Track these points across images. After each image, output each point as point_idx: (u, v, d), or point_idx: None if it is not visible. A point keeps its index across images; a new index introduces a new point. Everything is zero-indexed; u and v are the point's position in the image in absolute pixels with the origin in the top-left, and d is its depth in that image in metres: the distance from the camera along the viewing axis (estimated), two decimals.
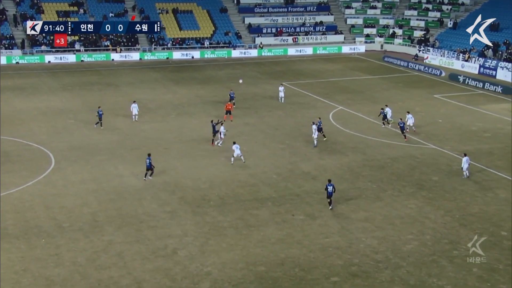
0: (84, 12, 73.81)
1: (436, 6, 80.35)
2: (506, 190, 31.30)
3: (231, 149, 35.12)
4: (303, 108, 48.16)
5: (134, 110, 43.97)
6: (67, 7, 73.60)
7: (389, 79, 60.97)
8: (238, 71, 64.90)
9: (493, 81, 57.38)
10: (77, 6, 73.82)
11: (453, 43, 70.93)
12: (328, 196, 28.95)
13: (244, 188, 31.67)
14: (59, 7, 73.29)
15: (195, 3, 79.13)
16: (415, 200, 30.05)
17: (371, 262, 23.92)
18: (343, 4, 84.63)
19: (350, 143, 39.25)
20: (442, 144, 38.94)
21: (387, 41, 79.14)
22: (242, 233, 26.52)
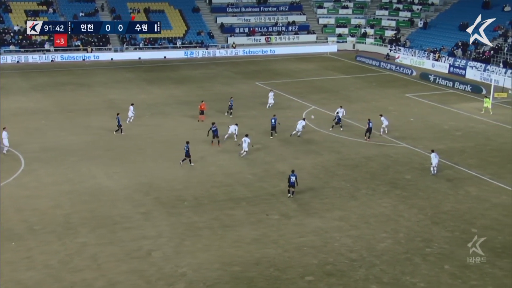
0: (53, 11, 72.67)
1: (407, 6, 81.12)
2: (478, 188, 31.68)
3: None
4: (278, 108, 48.08)
5: (129, 112, 42.84)
6: (35, 6, 72.31)
7: (363, 78, 61.35)
8: (213, 71, 64.68)
9: (462, 80, 58.11)
10: (46, 5, 72.60)
11: (423, 42, 71.70)
12: (289, 185, 29.73)
13: (219, 188, 31.49)
14: (28, 6, 72.01)
15: (167, 3, 78.56)
16: (389, 199, 30.23)
17: (346, 261, 23.96)
18: (315, 4, 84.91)
19: (325, 142, 39.34)
20: (415, 143, 39.26)
21: (359, 40, 79.65)
22: (217, 233, 26.36)
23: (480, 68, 60.84)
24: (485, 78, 58.44)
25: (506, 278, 22.68)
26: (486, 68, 60.24)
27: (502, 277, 22.76)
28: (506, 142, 39.60)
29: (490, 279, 22.65)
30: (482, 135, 41.23)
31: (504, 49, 62.83)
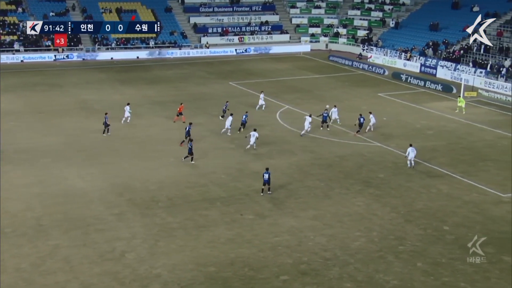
0: (23, 10, 71.63)
1: (379, 6, 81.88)
2: (449, 186, 32.11)
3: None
4: (251, 107, 48.13)
5: (126, 112, 42.58)
6: (4, 5, 71.12)
7: (336, 78, 61.72)
8: (187, 71, 64.44)
9: (434, 80, 58.85)
10: (15, 5, 71.51)
11: (395, 42, 72.45)
12: (263, 183, 30.19)
13: (194, 188, 31.39)
14: None
15: (139, 3, 78.02)
16: (363, 198, 30.46)
17: (320, 260, 24.08)
18: (288, 4, 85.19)
19: (299, 142, 39.48)
20: (388, 142, 39.64)
21: (331, 40, 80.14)
22: (191, 234, 26.26)
23: (450, 67, 61.70)
24: (456, 77, 59.29)
25: (477, 274, 23.03)
26: (456, 67, 61.12)
27: (473, 274, 23.12)
28: (476, 141, 40.24)
29: (461, 275, 22.99)
30: (453, 134, 41.80)
31: (473, 48, 63.79)
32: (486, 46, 62.40)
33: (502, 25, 65.64)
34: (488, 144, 39.61)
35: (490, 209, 29.12)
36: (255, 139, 36.76)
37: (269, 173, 30.36)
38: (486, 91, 53.25)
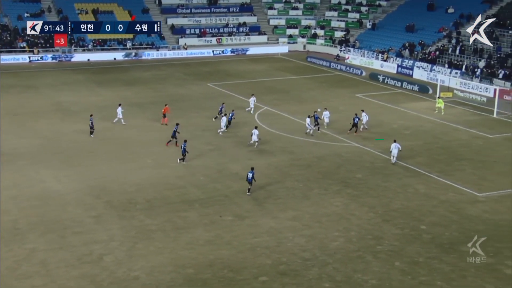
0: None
1: (355, 7, 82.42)
2: (426, 186, 32.44)
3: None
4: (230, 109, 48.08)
5: (118, 113, 42.44)
6: None
7: (314, 79, 61.99)
8: (164, 72, 64.19)
9: (410, 80, 59.41)
10: None
11: (372, 43, 72.99)
12: (248, 182, 30.38)
13: (172, 190, 31.27)
14: None
15: (116, 4, 77.46)
16: (341, 198, 30.64)
17: (299, 260, 24.16)
18: (266, 5, 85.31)
19: (278, 143, 39.57)
20: (365, 142, 39.91)
21: (309, 41, 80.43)
22: (170, 235, 26.17)
23: (426, 68, 62.34)
24: (432, 78, 59.92)
25: (453, 273, 23.31)
26: (432, 68, 61.77)
27: (449, 272, 23.39)
28: (452, 140, 40.73)
29: (438, 274, 23.24)
30: (430, 134, 42.24)
31: (448, 49, 64.57)
32: (461, 47, 63.27)
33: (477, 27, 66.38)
34: (464, 143, 40.13)
35: (466, 208, 29.50)
36: (256, 136, 37.62)
37: (253, 172, 30.52)
38: (461, 92, 53.93)
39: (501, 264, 23.96)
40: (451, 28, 68.74)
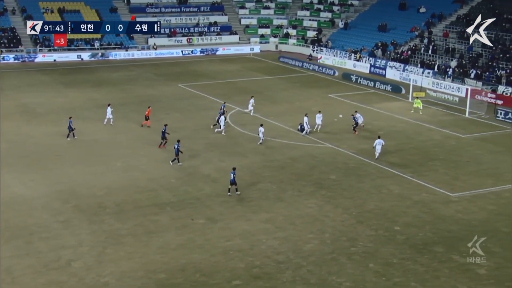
0: None
1: (328, 7, 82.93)
2: (400, 186, 32.78)
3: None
4: (202, 110, 48.04)
5: (108, 113, 42.41)
6: None
7: (286, 79, 62.17)
8: (134, 72, 63.72)
9: (383, 80, 59.99)
10: None
11: (345, 43, 73.53)
12: (230, 183, 30.71)
13: (143, 193, 31.04)
14: None
15: (83, 2, 76.61)
16: (315, 199, 30.76)
17: (273, 263, 24.18)
18: (237, 5, 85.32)
19: (250, 144, 39.57)
20: (339, 143, 40.15)
21: (281, 41, 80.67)
22: (141, 240, 25.96)
23: (399, 68, 63.03)
24: (404, 78, 60.59)
25: (427, 274, 23.58)
26: (405, 68, 62.48)
27: (423, 273, 23.66)
28: (425, 141, 41.23)
29: (412, 275, 23.49)
30: (403, 134, 42.70)
31: (421, 49, 65.39)
32: (433, 47, 64.13)
33: (448, 26, 67.56)
34: (437, 144, 40.65)
35: (439, 208, 29.88)
36: (262, 134, 38.68)
37: (234, 172, 30.77)
38: (434, 92, 54.63)
39: (474, 264, 24.32)
40: (423, 28, 69.64)
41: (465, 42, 62.86)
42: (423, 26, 69.86)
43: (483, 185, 32.94)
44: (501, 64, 56.72)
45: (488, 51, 59.72)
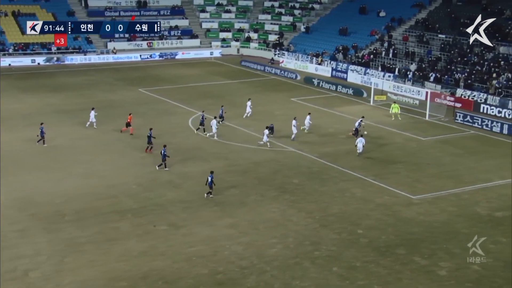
0: None
1: (289, 10, 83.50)
2: (362, 189, 33.16)
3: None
4: (163, 115, 47.75)
5: (91, 117, 42.29)
6: None
7: (248, 83, 62.31)
8: (93, 77, 62.97)
9: (345, 84, 60.67)
10: None
11: (306, 47, 74.09)
12: (209, 186, 30.96)
13: (103, 200, 30.66)
14: None
15: (38, 6, 75.37)
16: (278, 204, 30.87)
17: (236, 269, 24.17)
18: (198, 8, 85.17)
19: (212, 148, 39.50)
20: (302, 147, 40.41)
21: (243, 45, 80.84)
22: (101, 248, 25.63)
23: (360, 71, 63.85)
24: (366, 81, 61.39)
25: (390, 276, 23.91)
26: (366, 71, 63.32)
27: (386, 275, 23.97)
28: (387, 144, 41.83)
29: (375, 278, 23.78)
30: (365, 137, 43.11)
31: (381, 53, 66.40)
32: (394, 51, 65.17)
33: (408, 30, 68.79)
34: (398, 146, 41.29)
35: (401, 211, 30.34)
36: (266, 137, 39.20)
37: (211, 176, 30.87)
38: (394, 95, 55.46)
39: (435, 265, 24.76)
40: (382, 32, 70.73)
41: (424, 46, 64.15)
42: (383, 30, 70.96)
43: (444, 187, 33.59)
44: (459, 68, 58.01)
45: (447, 54, 61.03)
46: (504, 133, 44.44)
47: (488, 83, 53.76)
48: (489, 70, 55.65)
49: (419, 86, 57.01)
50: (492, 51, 58.13)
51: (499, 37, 59.23)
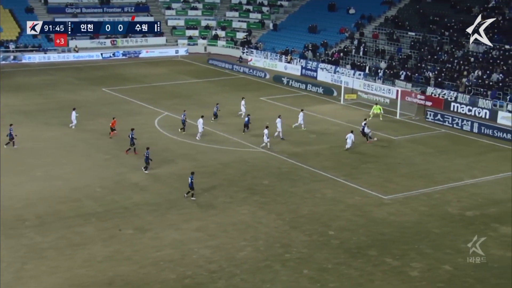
0: None
1: (257, 7, 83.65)
2: (333, 190, 33.42)
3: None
4: (128, 115, 47.39)
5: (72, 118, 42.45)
6: None
7: (216, 82, 62.26)
8: (54, 77, 62.15)
9: (314, 82, 61.05)
10: None
11: (275, 45, 74.36)
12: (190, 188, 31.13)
13: (66, 204, 30.31)
14: None
15: None
16: (248, 206, 30.93)
17: (205, 273, 24.14)
18: (163, 5, 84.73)
19: (180, 150, 39.37)
20: (272, 147, 40.47)
21: (210, 43, 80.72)
22: (65, 253, 25.35)
23: (330, 70, 64.32)
24: (336, 80, 61.88)
25: (361, 278, 24.16)
26: (336, 70, 63.82)
27: (358, 277, 24.22)
28: (357, 143, 42.15)
29: (347, 280, 24.00)
30: (336, 137, 43.52)
31: (352, 51, 67.01)
32: (364, 49, 65.83)
33: (377, 28, 69.59)
34: (369, 146, 41.69)
35: (373, 211, 30.68)
36: (266, 137, 39.22)
37: (191, 177, 31.02)
38: (365, 94, 56.04)
39: (407, 266, 25.11)
40: (352, 29, 71.39)
41: (394, 44, 64.96)
42: (352, 28, 71.63)
43: (415, 186, 34.07)
44: (429, 66, 58.90)
45: (417, 52, 61.91)
46: (474, 132, 45.29)
47: (458, 81, 54.72)
48: (459, 68, 56.63)
49: (390, 84, 57.72)
50: (462, 49, 59.19)
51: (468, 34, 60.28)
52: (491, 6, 63.20)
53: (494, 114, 48.82)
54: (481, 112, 49.63)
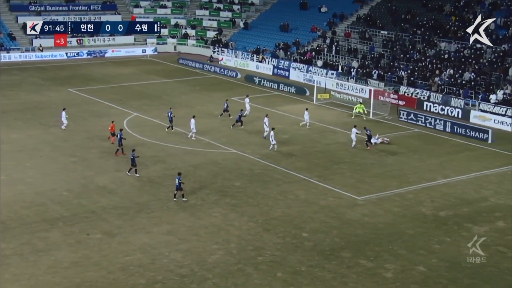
0: None
1: (227, 6, 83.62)
2: (306, 191, 33.57)
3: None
4: (95, 116, 46.99)
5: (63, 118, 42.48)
6: None
7: (186, 82, 62.08)
8: (16, 77, 61.32)
9: (287, 82, 61.25)
10: None
11: (246, 43, 74.43)
12: (175, 188, 31.18)
13: (30, 208, 29.93)
14: None
15: None
16: (219, 208, 30.90)
17: (176, 278, 24.06)
18: (131, 3, 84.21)
19: (149, 152, 39.15)
20: (243, 148, 40.56)
21: (180, 42, 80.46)
22: (29, 260, 25.02)
23: (302, 69, 64.59)
24: (308, 79, 62.18)
25: (335, 280, 24.31)
26: (308, 69, 64.11)
27: (331, 280, 24.36)
28: (331, 144, 42.49)
29: (320, 282, 24.13)
30: (308, 137, 43.75)
31: (324, 50, 67.37)
32: (336, 48, 66.24)
33: (349, 26, 70.10)
34: (342, 146, 41.97)
35: (346, 212, 30.89)
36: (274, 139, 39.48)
37: (179, 178, 31.04)
38: (338, 93, 56.40)
39: (381, 267, 25.34)
40: (324, 28, 71.79)
41: (367, 42, 65.53)
42: (325, 26, 72.03)
43: (388, 187, 34.41)
44: (402, 65, 59.54)
45: (389, 51, 62.53)
46: (447, 131, 45.91)
47: (431, 80, 55.42)
48: (431, 67, 57.37)
49: (363, 83, 58.17)
50: (434, 48, 59.96)
51: (440, 33, 61.18)
52: (462, 4, 64.07)
53: (466, 113, 49.56)
54: (454, 111, 50.35)
